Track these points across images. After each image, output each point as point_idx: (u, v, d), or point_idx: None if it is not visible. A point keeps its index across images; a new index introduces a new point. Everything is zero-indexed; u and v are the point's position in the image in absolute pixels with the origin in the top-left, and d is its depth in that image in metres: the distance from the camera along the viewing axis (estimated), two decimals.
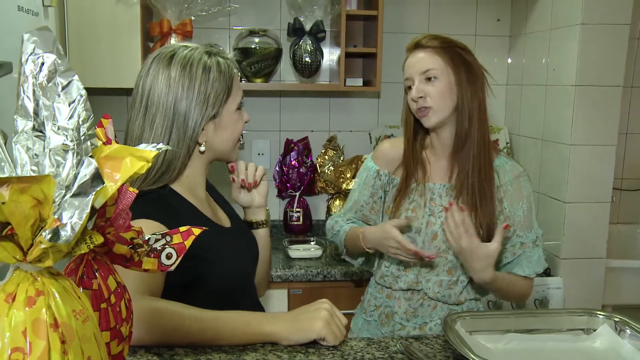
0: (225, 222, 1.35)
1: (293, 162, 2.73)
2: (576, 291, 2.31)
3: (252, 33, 2.52)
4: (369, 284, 1.72)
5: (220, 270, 1.20)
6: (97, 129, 0.76)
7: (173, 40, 2.36)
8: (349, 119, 2.84)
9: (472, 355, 0.88)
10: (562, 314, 1.15)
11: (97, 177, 0.56)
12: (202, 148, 1.23)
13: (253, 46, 2.49)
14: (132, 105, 1.22)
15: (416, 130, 1.59)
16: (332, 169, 2.74)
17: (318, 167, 2.77)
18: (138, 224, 1.08)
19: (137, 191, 0.80)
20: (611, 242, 2.39)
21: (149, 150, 0.58)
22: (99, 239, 0.59)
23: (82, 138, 0.61)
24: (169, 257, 0.80)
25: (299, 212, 2.74)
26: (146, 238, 0.79)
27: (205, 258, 1.18)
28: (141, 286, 0.99)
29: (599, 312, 1.09)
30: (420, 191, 1.57)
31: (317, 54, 2.51)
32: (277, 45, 2.54)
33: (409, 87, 1.53)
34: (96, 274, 0.71)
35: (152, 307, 0.97)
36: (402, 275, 1.58)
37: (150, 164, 0.57)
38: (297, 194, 2.74)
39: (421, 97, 1.49)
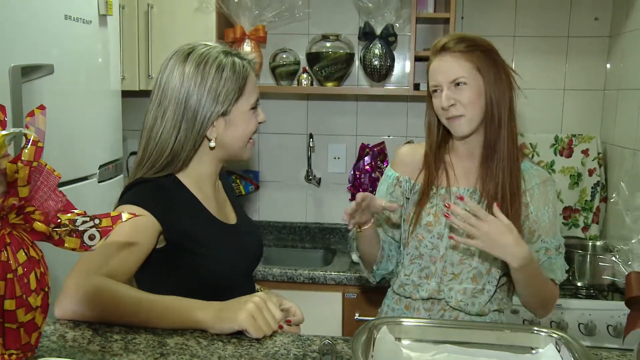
0: (231, 219, 1.38)
1: (366, 167, 2.71)
2: None
3: (324, 38, 2.55)
4: (386, 295, 1.66)
5: (210, 264, 1.24)
6: (27, 117, 0.84)
7: (246, 46, 2.46)
8: None
9: None
10: (500, 329, 1.02)
11: None
12: (212, 144, 1.28)
13: (324, 50, 2.52)
14: (150, 96, 1.30)
15: (439, 134, 1.52)
16: None
17: None
18: (121, 208, 1.16)
19: (60, 175, 0.86)
20: None
21: None
22: None
23: None
24: (91, 238, 0.85)
25: None
26: (74, 219, 0.85)
27: (196, 251, 1.22)
28: (96, 266, 1.05)
29: (541, 330, 0.95)
30: (442, 195, 1.50)
31: (387, 57, 2.47)
32: (349, 50, 2.54)
33: (434, 91, 1.46)
34: (7, 247, 0.78)
35: (96, 285, 1.03)
36: (423, 283, 1.51)
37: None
38: None
39: (452, 105, 1.42)
